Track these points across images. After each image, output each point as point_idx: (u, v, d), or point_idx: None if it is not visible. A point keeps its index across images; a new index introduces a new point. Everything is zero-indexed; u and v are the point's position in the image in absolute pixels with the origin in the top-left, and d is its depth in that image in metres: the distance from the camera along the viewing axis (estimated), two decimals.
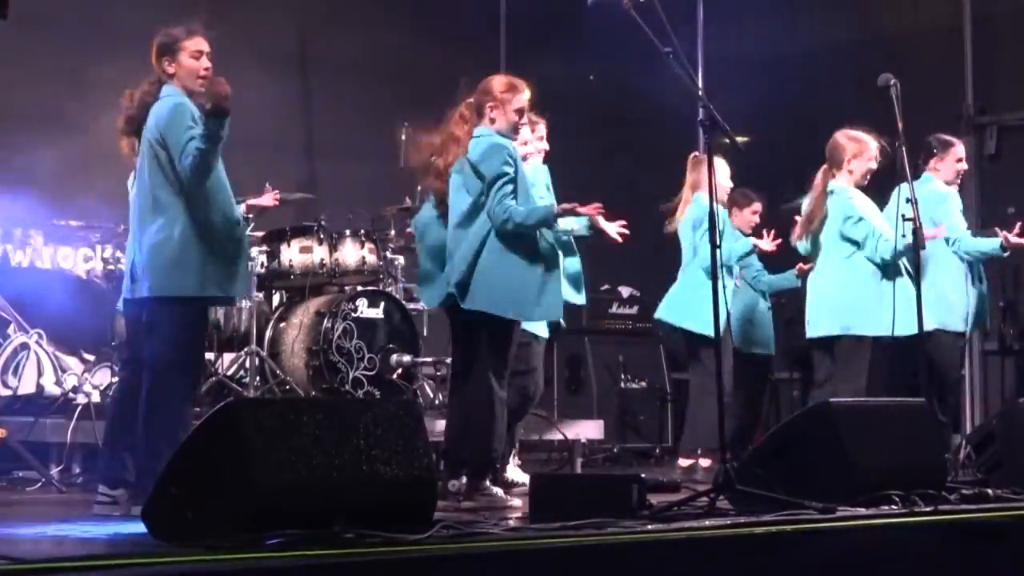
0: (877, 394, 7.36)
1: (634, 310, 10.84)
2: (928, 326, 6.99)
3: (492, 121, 6.43)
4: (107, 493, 5.83)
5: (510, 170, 6.28)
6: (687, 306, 7.96)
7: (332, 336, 8.53)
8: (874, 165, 7.52)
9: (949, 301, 7.65)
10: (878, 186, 7.78)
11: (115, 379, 8.32)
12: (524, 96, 6.50)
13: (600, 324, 10.76)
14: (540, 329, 6.97)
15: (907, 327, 7.14)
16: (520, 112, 6.48)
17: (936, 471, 5.87)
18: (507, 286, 6.26)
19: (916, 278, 7.01)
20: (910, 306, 6.92)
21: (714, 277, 5.62)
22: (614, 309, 10.87)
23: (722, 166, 7.94)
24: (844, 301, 7.43)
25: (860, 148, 7.53)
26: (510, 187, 6.26)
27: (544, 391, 7.41)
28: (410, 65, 10.83)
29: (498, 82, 6.52)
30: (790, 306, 9.15)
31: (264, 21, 10.31)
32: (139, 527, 4.40)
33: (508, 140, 6.41)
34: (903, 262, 7.39)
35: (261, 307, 8.83)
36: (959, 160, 7.87)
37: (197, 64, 6.07)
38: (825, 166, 7.59)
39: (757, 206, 8.69)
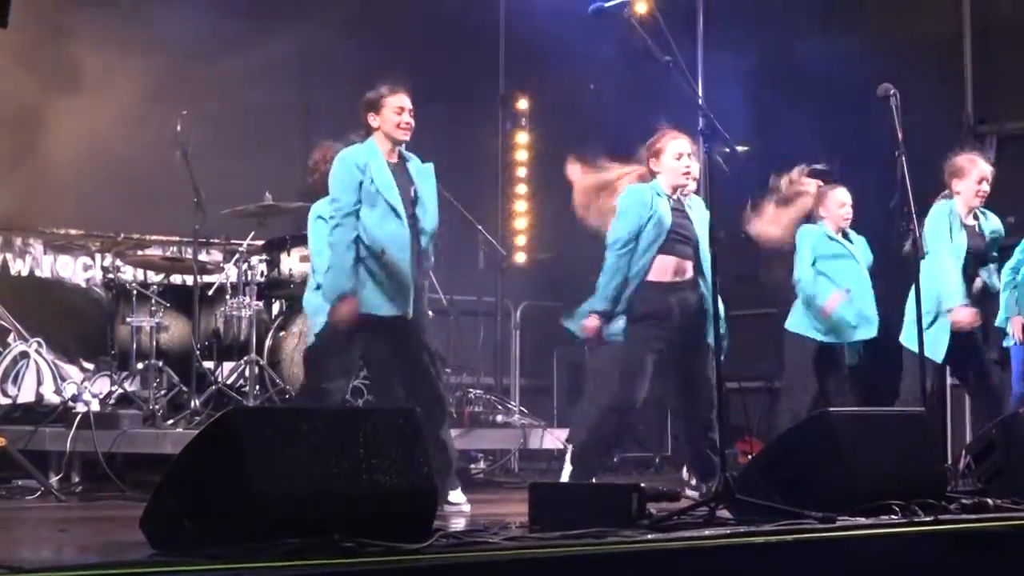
0: None
1: None
2: None
3: None
4: None
5: None
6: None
7: None
8: None
9: None
10: (879, 198, 7.79)
11: (114, 388, 8.34)
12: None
13: None
14: None
15: None
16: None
17: (936, 481, 5.87)
18: None
19: (916, 289, 7.02)
20: None
21: (714, 282, 5.64)
22: None
23: (843, 191, 8.35)
24: None
25: None
26: None
27: (544, 400, 7.42)
28: (410, 76, 10.83)
29: None
30: None
31: (267, 30, 10.32)
32: (138, 536, 4.40)
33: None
34: None
35: (261, 316, 8.84)
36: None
37: (399, 118, 6.83)
38: None
39: None
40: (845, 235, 8.45)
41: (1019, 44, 10.38)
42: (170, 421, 8.06)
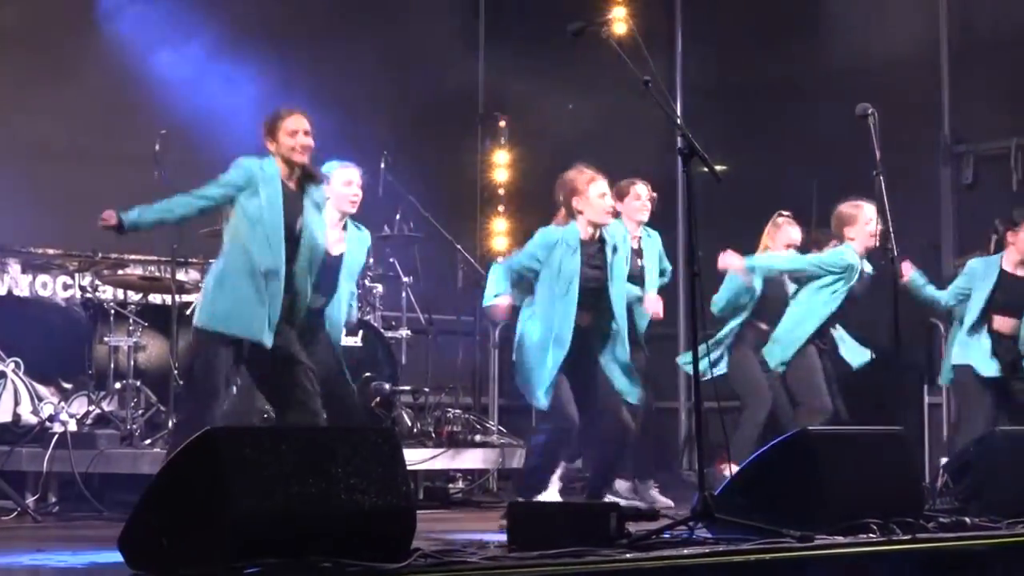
0: None
1: None
2: None
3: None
4: None
5: None
6: None
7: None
8: None
9: None
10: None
11: (91, 407, 8.31)
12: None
13: None
14: None
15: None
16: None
17: (914, 499, 5.88)
18: None
19: (895, 308, 7.04)
20: None
21: (692, 310, 5.65)
22: None
23: (795, 231, 8.39)
24: None
25: None
26: None
27: (523, 420, 7.36)
28: (389, 93, 10.86)
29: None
30: None
31: (249, 46, 10.32)
32: (116, 556, 4.38)
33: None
34: None
35: None
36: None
37: (293, 141, 6.67)
38: None
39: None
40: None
41: (996, 64, 10.42)
42: (147, 441, 8.03)
